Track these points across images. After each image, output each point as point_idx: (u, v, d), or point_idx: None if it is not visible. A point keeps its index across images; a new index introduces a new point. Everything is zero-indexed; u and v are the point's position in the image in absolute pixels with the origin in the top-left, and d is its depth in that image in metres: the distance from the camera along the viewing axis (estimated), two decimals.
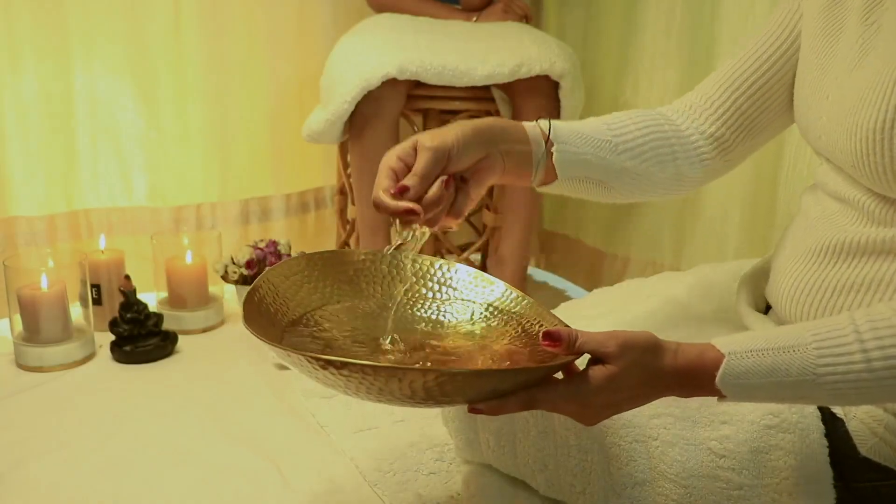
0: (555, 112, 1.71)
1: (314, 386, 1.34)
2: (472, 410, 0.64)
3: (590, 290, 1.10)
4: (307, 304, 0.78)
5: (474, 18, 1.79)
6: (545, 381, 0.65)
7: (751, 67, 0.86)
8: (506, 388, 0.63)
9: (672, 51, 1.75)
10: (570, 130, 0.80)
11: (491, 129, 0.75)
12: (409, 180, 0.68)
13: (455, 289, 0.84)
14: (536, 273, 2.20)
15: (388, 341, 0.73)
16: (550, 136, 0.78)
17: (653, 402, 0.76)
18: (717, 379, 0.63)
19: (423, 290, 0.84)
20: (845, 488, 0.72)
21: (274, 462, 1.11)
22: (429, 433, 1.18)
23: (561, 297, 1.99)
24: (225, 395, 1.33)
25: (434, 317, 0.82)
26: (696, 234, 1.73)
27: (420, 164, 0.69)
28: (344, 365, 0.58)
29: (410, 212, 0.67)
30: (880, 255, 0.73)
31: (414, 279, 0.84)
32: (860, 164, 0.71)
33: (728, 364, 0.63)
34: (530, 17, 1.83)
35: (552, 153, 0.78)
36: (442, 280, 0.85)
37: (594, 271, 2.04)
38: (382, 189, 0.69)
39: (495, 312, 0.81)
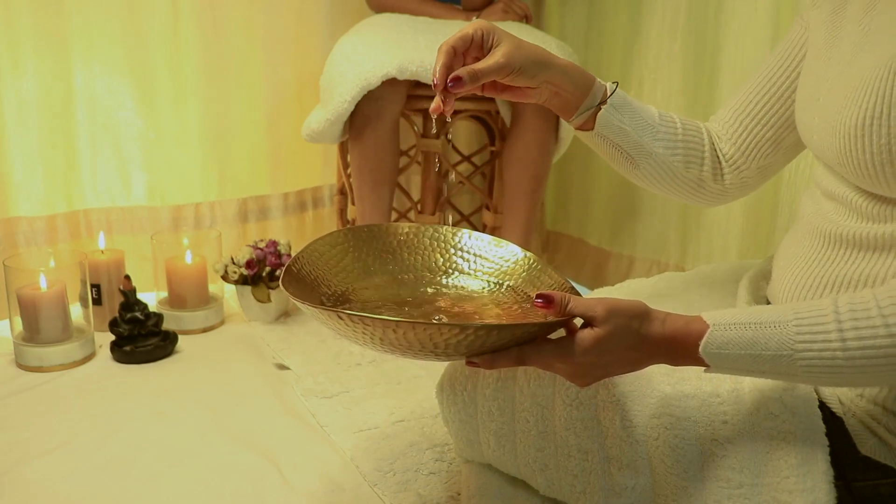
0: (554, 112, 1.70)
1: (314, 385, 1.34)
2: (468, 364, 0.69)
3: (594, 289, 1.11)
4: (350, 271, 0.85)
5: (474, 18, 1.79)
6: (538, 339, 0.68)
7: (761, 91, 0.90)
8: (495, 344, 0.66)
9: (676, 51, 1.74)
10: (626, 102, 0.86)
11: (563, 70, 0.81)
12: (464, 73, 0.74)
13: (484, 258, 0.92)
14: None
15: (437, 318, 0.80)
16: (609, 99, 0.84)
17: (653, 403, 0.77)
18: (700, 348, 0.66)
19: (459, 261, 0.92)
20: (845, 488, 0.72)
21: (274, 462, 1.11)
22: (429, 433, 1.18)
23: None
24: (225, 395, 1.33)
25: (464, 283, 0.89)
26: (701, 234, 1.73)
27: (484, 66, 0.75)
28: (347, 315, 0.64)
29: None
30: (874, 251, 0.74)
31: (454, 251, 0.90)
32: (845, 161, 0.73)
33: (711, 334, 0.66)
34: (530, 17, 1.83)
35: (600, 108, 0.84)
36: (475, 251, 0.93)
37: (599, 271, 2.04)
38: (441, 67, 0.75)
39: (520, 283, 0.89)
